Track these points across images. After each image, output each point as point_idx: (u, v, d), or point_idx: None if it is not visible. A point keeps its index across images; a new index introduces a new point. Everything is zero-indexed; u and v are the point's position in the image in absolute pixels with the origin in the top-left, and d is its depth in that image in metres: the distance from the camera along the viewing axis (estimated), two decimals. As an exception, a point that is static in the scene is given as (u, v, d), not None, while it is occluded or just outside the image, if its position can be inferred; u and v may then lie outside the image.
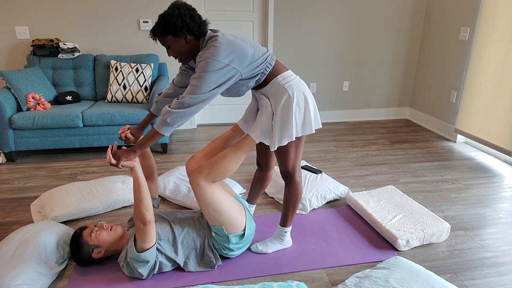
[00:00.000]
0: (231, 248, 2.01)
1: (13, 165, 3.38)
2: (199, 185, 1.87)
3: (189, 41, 1.80)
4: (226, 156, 1.89)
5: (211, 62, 1.69)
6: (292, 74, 1.89)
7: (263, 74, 1.84)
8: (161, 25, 1.74)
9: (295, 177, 2.01)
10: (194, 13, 1.77)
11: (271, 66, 1.85)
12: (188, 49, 1.82)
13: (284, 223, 2.13)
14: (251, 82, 1.85)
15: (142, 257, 1.84)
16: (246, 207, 2.11)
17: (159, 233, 1.97)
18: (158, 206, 2.33)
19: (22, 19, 3.80)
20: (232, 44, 1.73)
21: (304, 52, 4.43)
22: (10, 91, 3.40)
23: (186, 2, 1.81)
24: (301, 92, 1.85)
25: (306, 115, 1.87)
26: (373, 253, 2.17)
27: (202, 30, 1.79)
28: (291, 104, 1.82)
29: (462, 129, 3.93)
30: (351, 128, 4.52)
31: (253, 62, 1.79)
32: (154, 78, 3.91)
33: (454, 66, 4.05)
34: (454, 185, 3.03)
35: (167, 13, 1.74)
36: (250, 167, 3.34)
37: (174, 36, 1.76)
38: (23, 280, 1.76)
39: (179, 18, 1.72)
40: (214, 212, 1.91)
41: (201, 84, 1.70)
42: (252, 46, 1.81)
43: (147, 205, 1.82)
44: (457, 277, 1.97)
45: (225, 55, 1.70)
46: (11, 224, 2.44)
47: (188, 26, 1.74)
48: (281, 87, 1.84)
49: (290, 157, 1.95)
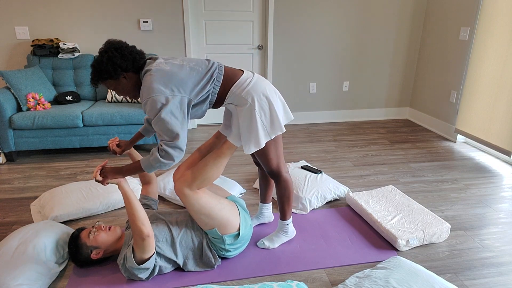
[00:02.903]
0: (227, 249, 2.01)
1: (13, 165, 3.38)
2: (184, 194, 1.87)
3: (130, 78, 1.79)
4: (208, 163, 1.88)
5: (153, 101, 1.67)
6: (246, 78, 1.84)
7: (213, 94, 1.81)
8: (96, 74, 1.74)
9: (281, 174, 2.03)
10: (125, 50, 1.74)
11: (219, 82, 1.80)
12: (132, 85, 1.81)
13: (284, 217, 2.17)
14: (204, 106, 1.83)
15: (143, 267, 1.84)
16: (242, 207, 2.11)
17: (157, 234, 1.96)
18: (156, 208, 2.33)
19: (22, 19, 3.80)
20: (168, 74, 1.71)
21: (304, 52, 4.43)
22: (10, 91, 3.40)
23: (116, 41, 1.77)
24: (261, 95, 1.80)
25: (273, 116, 1.83)
26: (373, 253, 2.17)
27: (138, 64, 1.78)
28: (253, 112, 1.79)
29: (462, 129, 3.93)
30: (351, 128, 4.52)
31: (198, 85, 1.75)
32: (154, 78, 3.90)
33: (454, 66, 4.05)
34: (454, 185, 3.03)
35: (97, 61, 1.73)
36: (250, 167, 3.34)
37: (112, 79, 1.76)
38: (23, 280, 1.76)
39: (109, 62, 1.71)
40: (204, 216, 1.91)
41: (166, 128, 1.68)
42: (192, 69, 1.77)
43: (143, 219, 1.79)
44: (457, 277, 1.97)
45: (163, 88, 1.68)
46: (11, 224, 2.44)
47: (121, 67, 1.73)
48: (239, 97, 1.81)
49: (271, 157, 1.96)
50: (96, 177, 1.81)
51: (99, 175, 1.83)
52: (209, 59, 1.88)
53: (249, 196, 2.82)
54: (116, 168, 1.84)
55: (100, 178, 1.82)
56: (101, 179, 1.82)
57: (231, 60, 4.38)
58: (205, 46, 4.29)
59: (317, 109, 4.73)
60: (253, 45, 4.38)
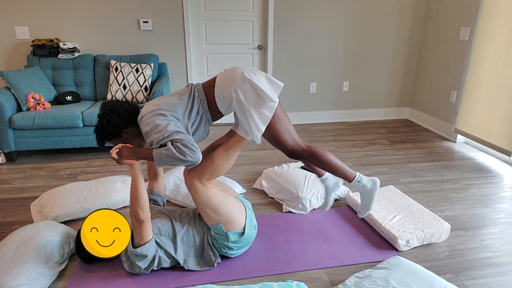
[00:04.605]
0: (231, 247, 2.01)
1: (13, 165, 3.38)
2: (193, 186, 1.92)
3: (131, 132, 1.93)
4: (217, 156, 1.93)
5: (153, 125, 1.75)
6: (221, 78, 1.87)
7: (206, 112, 1.89)
8: (100, 138, 1.89)
9: (303, 149, 1.97)
10: (120, 109, 1.87)
11: (204, 100, 1.87)
12: (136, 136, 1.96)
13: (348, 179, 2.06)
14: (202, 126, 1.91)
15: (139, 252, 1.86)
16: (248, 208, 2.12)
17: (160, 228, 1.99)
18: (164, 204, 2.34)
19: (22, 19, 3.80)
20: (158, 108, 1.81)
21: (304, 52, 4.43)
22: (10, 91, 3.40)
23: (110, 102, 1.90)
24: (239, 80, 1.81)
25: (259, 91, 1.81)
26: (373, 253, 2.17)
27: (134, 117, 1.91)
28: (240, 100, 1.81)
29: (462, 129, 3.93)
30: (351, 128, 4.52)
31: (187, 108, 1.85)
32: (154, 78, 3.91)
33: (454, 66, 4.05)
34: (454, 185, 3.03)
35: (97, 126, 1.89)
36: (250, 167, 3.34)
37: (117, 138, 1.90)
38: (23, 280, 1.76)
39: (109, 125, 1.85)
40: (211, 210, 1.94)
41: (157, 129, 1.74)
42: (177, 97, 1.87)
43: (142, 204, 1.84)
44: (457, 277, 1.97)
45: (158, 117, 1.78)
46: (11, 224, 2.44)
47: (121, 126, 1.87)
48: (225, 98, 1.85)
49: (283, 137, 1.93)
50: (112, 153, 1.87)
51: (115, 153, 1.87)
52: (187, 84, 1.96)
53: (249, 196, 2.83)
54: (132, 149, 1.87)
55: (116, 156, 1.87)
56: (117, 157, 1.87)
57: (231, 60, 4.38)
58: (205, 46, 4.29)
59: (317, 109, 4.73)
60: (253, 45, 4.38)
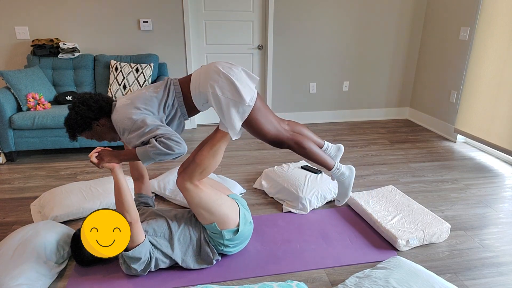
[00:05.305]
0: (226, 244, 2.02)
1: (13, 165, 3.38)
2: (185, 188, 1.92)
3: (103, 124, 1.88)
4: (205, 154, 1.92)
5: (128, 120, 1.74)
6: (196, 74, 1.86)
7: (181, 106, 1.87)
8: (70, 130, 1.83)
9: (284, 137, 1.95)
10: (90, 101, 1.83)
11: (180, 94, 1.86)
12: (108, 129, 1.90)
13: (327, 167, 2.08)
14: (176, 120, 1.89)
15: (131, 254, 1.85)
16: (242, 205, 2.12)
17: (155, 229, 1.99)
18: (153, 204, 2.34)
19: (22, 19, 3.80)
20: (131, 101, 1.80)
21: (304, 52, 4.43)
22: (10, 91, 3.40)
23: (81, 94, 1.87)
24: (214, 75, 1.79)
25: (235, 84, 1.78)
26: (373, 253, 2.17)
27: (106, 109, 1.86)
28: (217, 95, 1.78)
29: (462, 129, 3.93)
30: (351, 128, 4.52)
31: (162, 101, 1.83)
32: (154, 78, 3.91)
33: (454, 66, 4.05)
34: (454, 185, 3.03)
35: (67, 118, 1.83)
36: (250, 167, 3.34)
37: (88, 131, 1.85)
38: (23, 280, 1.76)
39: (78, 116, 1.80)
40: (204, 210, 1.94)
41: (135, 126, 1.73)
42: (152, 90, 1.85)
43: (128, 207, 1.82)
44: (457, 277, 1.97)
45: (133, 111, 1.76)
46: (11, 224, 2.44)
47: (91, 117, 1.82)
48: (201, 94, 1.83)
49: (264, 127, 1.90)
50: (91, 157, 1.83)
51: (95, 157, 1.83)
52: (164, 78, 1.94)
53: (249, 196, 2.83)
54: (113, 152, 1.84)
55: (96, 160, 1.83)
56: (97, 161, 1.83)
57: (231, 60, 4.38)
58: (205, 46, 4.29)
59: (317, 109, 4.73)
60: (253, 45, 4.38)
